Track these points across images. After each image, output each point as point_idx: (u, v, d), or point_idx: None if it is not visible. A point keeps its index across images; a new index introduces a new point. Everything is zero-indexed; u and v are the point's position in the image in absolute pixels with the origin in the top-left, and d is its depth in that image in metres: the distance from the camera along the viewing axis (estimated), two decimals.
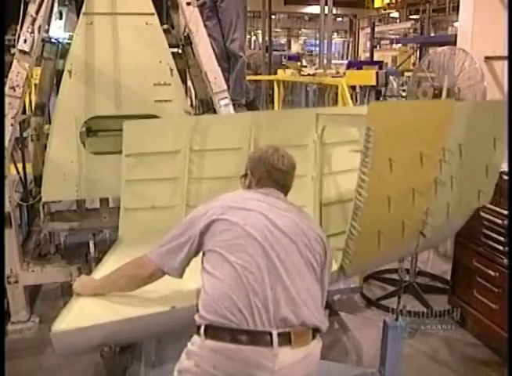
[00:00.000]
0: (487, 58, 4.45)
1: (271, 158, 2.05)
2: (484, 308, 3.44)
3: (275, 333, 1.69)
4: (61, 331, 2.03)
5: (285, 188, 2.09)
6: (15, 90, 3.29)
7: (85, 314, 2.09)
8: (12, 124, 3.32)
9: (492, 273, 3.36)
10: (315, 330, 1.85)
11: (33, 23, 3.22)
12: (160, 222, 2.87)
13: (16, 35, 3.25)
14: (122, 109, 3.63)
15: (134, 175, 2.98)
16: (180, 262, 1.95)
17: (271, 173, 2.05)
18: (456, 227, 3.35)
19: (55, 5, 3.97)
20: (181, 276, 2.00)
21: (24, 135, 4.79)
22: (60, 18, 4.18)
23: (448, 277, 4.06)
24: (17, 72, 3.28)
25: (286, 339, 1.71)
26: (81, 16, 3.56)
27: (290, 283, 1.77)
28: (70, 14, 4.18)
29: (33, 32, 3.23)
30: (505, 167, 3.42)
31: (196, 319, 1.76)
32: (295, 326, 1.74)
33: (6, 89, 3.28)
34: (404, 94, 9.24)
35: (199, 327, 1.74)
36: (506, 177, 3.31)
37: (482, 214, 3.45)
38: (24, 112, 4.65)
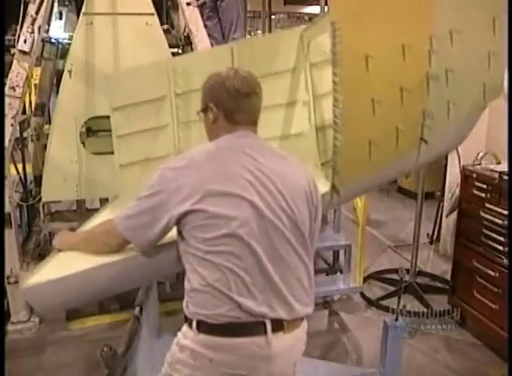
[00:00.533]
0: None
1: (235, 82, 1.74)
2: (484, 308, 3.44)
3: (268, 321, 1.64)
4: (31, 286, 1.93)
5: (256, 115, 1.81)
6: (15, 90, 3.30)
7: (60, 267, 1.97)
8: (12, 125, 3.33)
9: (492, 273, 3.36)
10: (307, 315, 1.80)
11: (33, 24, 3.23)
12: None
13: (16, 35, 3.25)
14: None
15: (124, 130, 2.89)
16: (151, 242, 1.75)
17: (239, 101, 1.76)
18: (462, 132, 2.93)
19: (56, 5, 3.98)
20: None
21: (24, 135, 4.80)
22: (60, 18, 4.19)
23: (449, 277, 4.06)
24: (17, 72, 3.28)
25: (279, 325, 1.66)
26: (81, 16, 3.56)
27: (280, 280, 1.66)
28: (70, 14, 4.19)
29: (33, 32, 3.23)
30: (505, 167, 3.43)
31: (186, 313, 1.68)
32: (288, 320, 1.70)
33: (6, 89, 3.28)
34: None
35: (190, 320, 1.66)
36: (506, 177, 3.31)
37: (482, 214, 3.45)
38: (24, 112, 4.65)
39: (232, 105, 1.75)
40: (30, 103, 5.30)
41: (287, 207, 1.68)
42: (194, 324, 1.64)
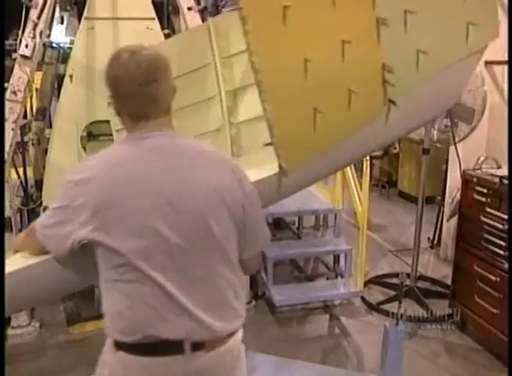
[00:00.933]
0: (487, 62, 4.45)
1: (129, 69, 1.47)
2: (485, 312, 3.43)
3: (187, 343, 1.51)
4: None
5: (162, 103, 1.53)
6: (16, 95, 3.30)
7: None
8: (13, 129, 3.33)
9: (493, 278, 3.35)
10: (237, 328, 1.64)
11: (34, 28, 3.24)
12: None
13: (18, 40, 3.27)
14: None
15: (119, 124, 2.87)
16: (65, 253, 1.56)
17: (136, 91, 1.48)
18: (447, 87, 2.36)
19: (57, 9, 3.99)
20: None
21: (25, 139, 4.80)
22: (62, 23, 4.20)
23: (449, 282, 4.06)
24: (18, 77, 3.29)
25: (199, 345, 1.53)
26: (82, 20, 3.58)
27: (194, 305, 1.50)
28: (71, 19, 4.20)
29: (34, 37, 3.24)
30: (506, 171, 3.43)
31: (106, 330, 1.58)
32: (210, 340, 1.56)
33: (7, 94, 3.29)
34: None
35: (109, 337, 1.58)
36: (506, 181, 3.31)
37: (483, 218, 3.45)
38: (25, 116, 4.66)
39: (129, 97, 1.50)
40: (32, 107, 5.32)
41: (198, 225, 1.49)
42: (112, 341, 1.56)
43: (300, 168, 1.93)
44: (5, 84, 3.38)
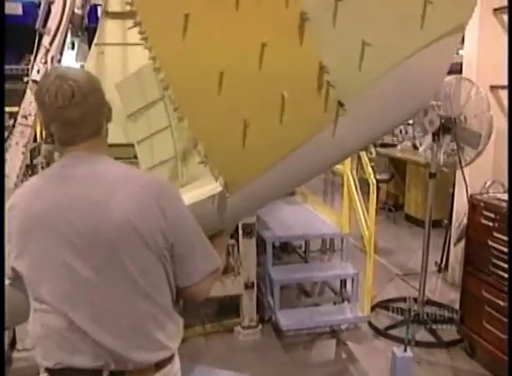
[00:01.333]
0: (492, 87, 4.49)
1: (50, 92, 1.43)
2: (494, 338, 3.40)
3: (106, 372, 1.49)
4: None
5: (87, 128, 1.52)
6: (27, 119, 3.35)
7: None
8: (23, 153, 3.37)
9: (502, 303, 3.33)
10: (164, 360, 1.57)
11: (46, 54, 3.30)
12: (173, 177, 2.82)
13: (30, 65, 3.33)
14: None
15: (140, 135, 2.87)
16: (12, 274, 1.56)
17: (56, 116, 1.46)
18: (415, 82, 1.96)
19: (68, 35, 4.07)
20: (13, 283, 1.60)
21: (34, 162, 4.85)
22: (72, 48, 4.27)
23: (457, 306, 4.03)
24: (29, 102, 3.34)
25: (119, 374, 1.51)
26: (92, 46, 3.64)
27: (108, 337, 1.46)
28: (82, 44, 4.27)
29: (46, 62, 3.30)
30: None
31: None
32: (131, 370, 1.52)
33: (19, 118, 3.33)
34: (410, 121, 9.25)
35: None
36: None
37: (490, 243, 3.44)
38: (35, 140, 4.72)
39: (51, 120, 1.48)
40: (41, 130, 5.38)
41: (109, 258, 1.44)
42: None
43: (243, 187, 1.77)
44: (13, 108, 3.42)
